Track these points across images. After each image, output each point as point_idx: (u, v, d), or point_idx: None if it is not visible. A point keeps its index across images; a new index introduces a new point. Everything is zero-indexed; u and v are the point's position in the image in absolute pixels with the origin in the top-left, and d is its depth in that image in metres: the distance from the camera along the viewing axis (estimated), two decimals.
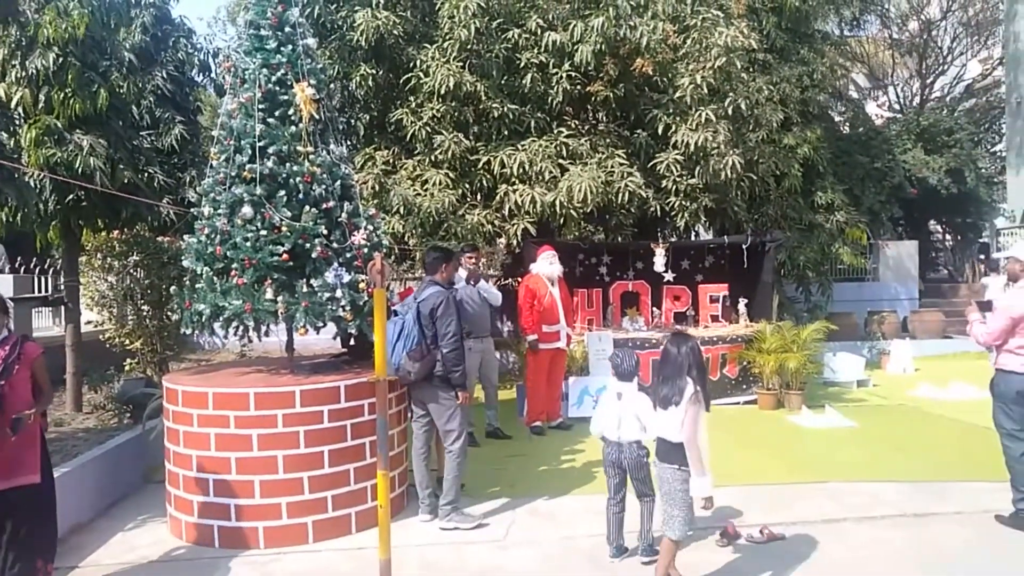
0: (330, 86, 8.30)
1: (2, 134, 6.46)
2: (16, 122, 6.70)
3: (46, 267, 11.23)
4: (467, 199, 8.71)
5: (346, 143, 9.28)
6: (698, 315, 9.45)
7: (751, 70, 9.85)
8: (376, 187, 8.53)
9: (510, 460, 6.50)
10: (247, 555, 4.53)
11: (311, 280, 4.85)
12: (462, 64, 8.52)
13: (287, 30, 5.19)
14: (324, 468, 4.68)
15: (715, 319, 9.33)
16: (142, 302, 7.64)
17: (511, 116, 8.78)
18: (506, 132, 8.87)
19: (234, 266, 4.81)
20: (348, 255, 4.99)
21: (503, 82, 8.97)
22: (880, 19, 20.91)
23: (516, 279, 8.32)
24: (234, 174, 4.93)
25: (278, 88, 5.08)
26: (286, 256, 4.78)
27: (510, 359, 9.66)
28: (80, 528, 4.95)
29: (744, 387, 8.77)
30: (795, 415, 8.16)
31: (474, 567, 4.37)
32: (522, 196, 8.27)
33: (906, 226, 18.52)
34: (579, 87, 8.82)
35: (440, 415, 4.93)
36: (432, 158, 8.66)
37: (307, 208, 4.90)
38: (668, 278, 9.43)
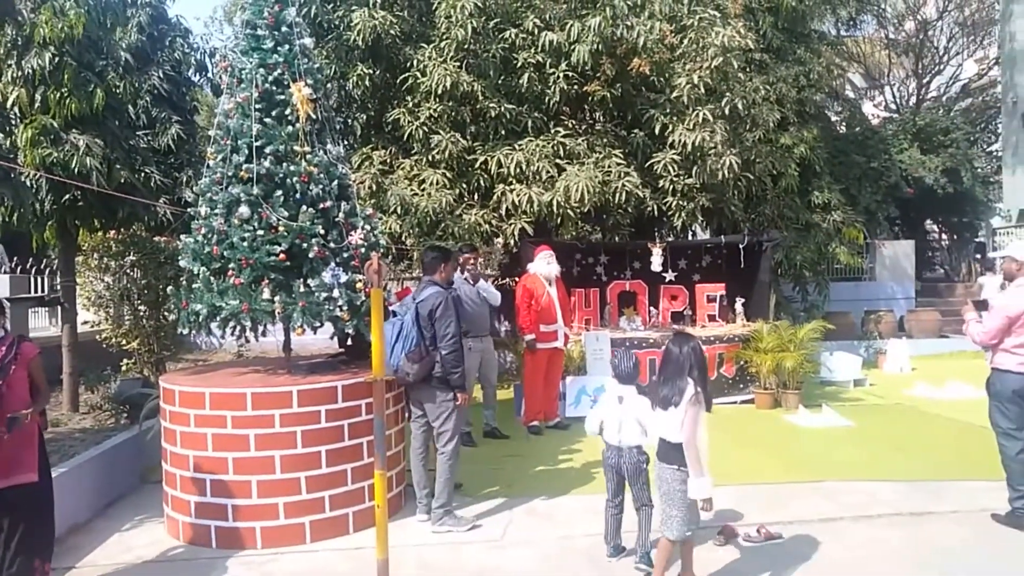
0: (327, 86, 8.31)
1: None
2: (12, 122, 6.69)
3: (42, 267, 11.22)
4: (464, 199, 8.71)
5: (343, 143, 9.24)
6: (695, 315, 9.46)
7: (748, 70, 9.85)
8: (373, 187, 8.52)
9: (507, 460, 6.50)
10: (244, 555, 4.53)
11: (308, 280, 4.85)
12: (459, 64, 8.52)
13: (284, 30, 5.19)
14: (321, 468, 4.68)
15: (712, 319, 9.35)
16: (139, 302, 7.62)
17: (508, 116, 8.78)
18: (503, 132, 8.87)
19: (231, 266, 4.81)
20: (345, 255, 4.99)
21: (500, 82, 8.96)
22: (876, 19, 20.94)
23: (513, 279, 8.31)
24: (231, 174, 4.92)
25: (275, 88, 5.08)
26: (283, 256, 4.78)
27: (507, 359, 9.66)
28: (77, 528, 4.95)
29: (741, 386, 8.78)
30: (792, 414, 8.17)
31: (472, 567, 4.37)
32: (519, 196, 8.27)
33: (902, 226, 18.56)
34: (576, 87, 8.82)
35: (436, 415, 4.92)
36: (429, 158, 8.65)
37: (304, 208, 4.90)
38: (670, 277, 9.44)
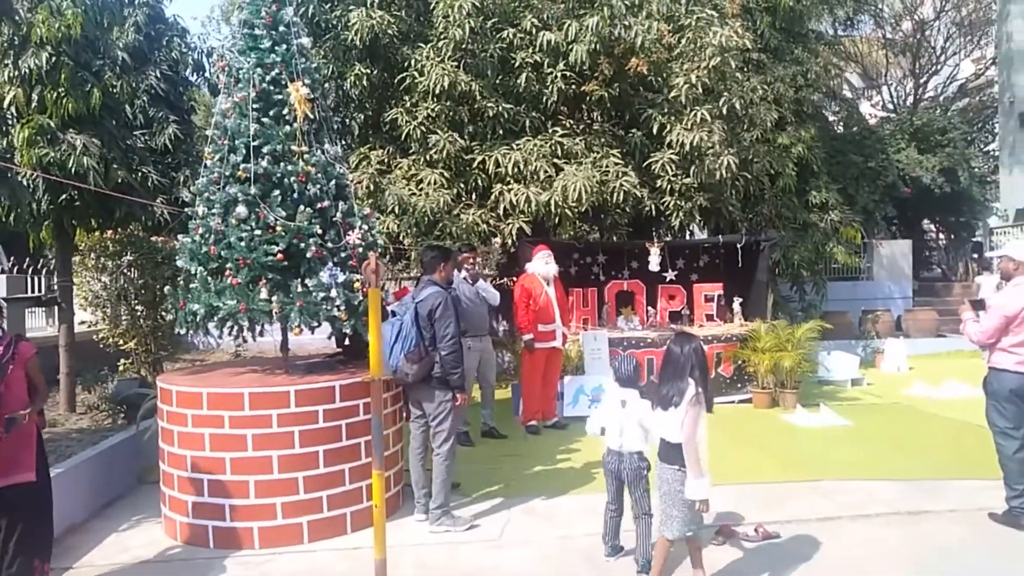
0: (324, 85, 8.31)
1: None
2: (9, 122, 6.67)
3: (39, 267, 11.20)
4: (462, 199, 8.71)
5: (341, 143, 9.21)
6: (693, 314, 9.47)
7: (745, 70, 9.86)
8: (371, 187, 8.52)
9: (505, 459, 6.50)
10: (242, 555, 4.52)
11: (306, 280, 4.85)
12: (457, 64, 8.51)
13: (281, 29, 5.18)
14: (319, 468, 4.67)
15: (710, 318, 9.36)
16: (136, 302, 7.61)
17: (506, 115, 8.78)
18: (501, 131, 8.87)
19: (228, 266, 4.80)
20: (343, 255, 4.98)
21: (498, 81, 8.96)
22: (874, 19, 20.97)
23: (511, 278, 8.32)
24: (228, 174, 4.91)
25: (272, 87, 5.07)
26: (281, 256, 4.77)
27: (505, 358, 9.67)
28: (74, 529, 4.94)
29: (739, 386, 8.79)
30: (790, 414, 8.18)
31: (469, 567, 4.37)
32: (517, 196, 8.27)
33: (900, 225, 18.58)
34: (574, 87, 8.82)
35: (434, 415, 4.92)
36: (427, 157, 8.65)
37: (302, 208, 4.90)
38: (670, 276, 9.43)
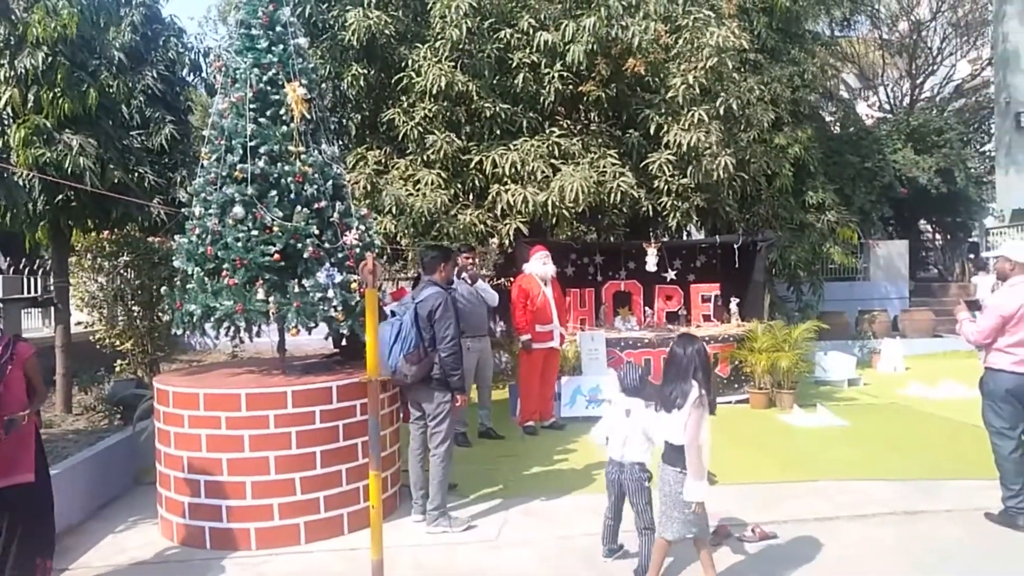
0: (321, 86, 8.30)
1: None
2: (5, 122, 6.65)
3: (35, 268, 11.17)
4: (459, 199, 8.71)
5: (338, 143, 9.19)
6: (690, 314, 9.48)
7: (742, 70, 9.87)
8: (368, 187, 8.51)
9: (503, 460, 6.49)
10: (239, 556, 4.52)
11: (303, 280, 4.84)
12: (454, 64, 8.52)
13: (278, 29, 5.17)
14: (316, 469, 4.67)
15: (707, 318, 9.36)
16: (132, 303, 7.60)
17: (503, 116, 8.78)
18: (498, 132, 8.87)
19: (225, 266, 4.79)
20: (340, 255, 4.98)
21: (495, 82, 8.96)
22: (870, 20, 21.02)
23: (509, 279, 8.32)
24: (225, 174, 4.91)
25: (269, 88, 5.06)
26: (277, 256, 4.77)
27: (503, 359, 9.66)
28: (70, 530, 4.92)
29: (736, 386, 8.80)
30: (787, 414, 8.19)
31: (467, 567, 4.37)
32: (514, 196, 8.27)
33: (896, 225, 18.60)
34: (571, 87, 8.82)
35: (432, 416, 4.91)
36: (424, 158, 8.65)
37: (299, 208, 4.89)
38: (671, 276, 9.44)
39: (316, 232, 4.90)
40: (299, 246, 4.82)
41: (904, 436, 7.22)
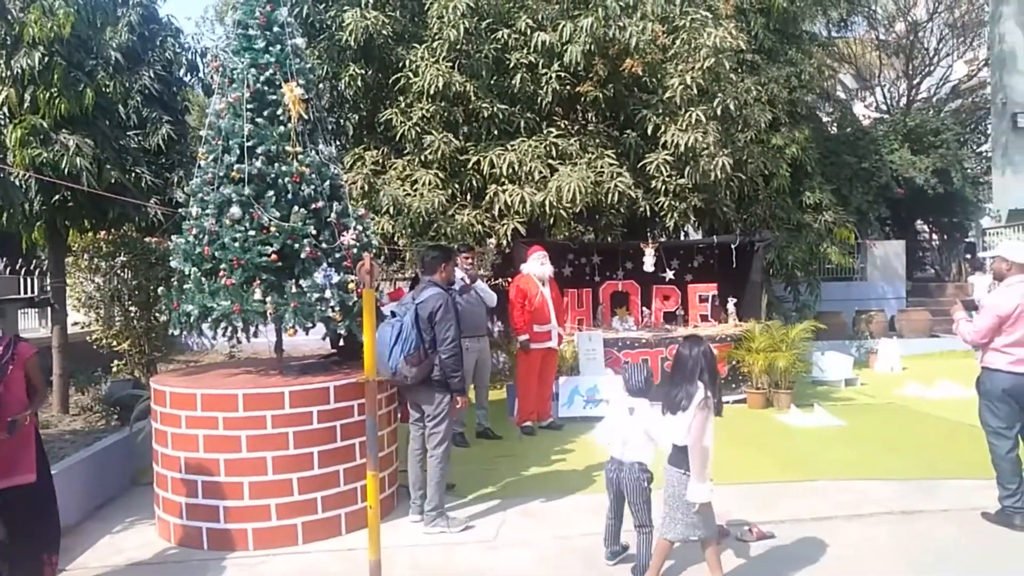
0: (319, 86, 8.28)
1: None
2: (1, 122, 6.64)
3: (32, 268, 11.15)
4: (457, 199, 8.71)
5: (335, 143, 9.25)
6: (687, 315, 9.48)
7: (740, 71, 9.89)
8: (365, 187, 8.51)
9: (500, 460, 6.49)
10: (236, 557, 4.51)
11: (300, 280, 4.83)
12: (451, 64, 8.51)
13: (275, 30, 5.17)
14: (314, 469, 4.66)
15: (704, 319, 9.37)
16: (129, 303, 7.58)
17: (501, 116, 8.78)
18: (496, 132, 8.87)
19: (222, 267, 4.79)
20: (337, 255, 4.97)
21: (492, 82, 8.96)
22: (867, 20, 21.05)
23: (506, 279, 8.32)
24: (222, 174, 4.90)
25: (266, 88, 5.05)
26: (275, 256, 4.76)
27: (500, 359, 9.66)
28: (67, 531, 4.88)
29: (733, 386, 8.80)
30: (784, 414, 8.19)
31: (465, 568, 4.36)
32: (512, 196, 8.27)
33: (893, 226, 18.64)
34: (568, 87, 8.83)
35: (431, 416, 4.90)
36: (422, 158, 8.64)
37: (296, 208, 4.88)
38: (668, 276, 9.45)
39: (313, 232, 4.90)
40: (296, 246, 4.82)
41: (901, 436, 7.23)
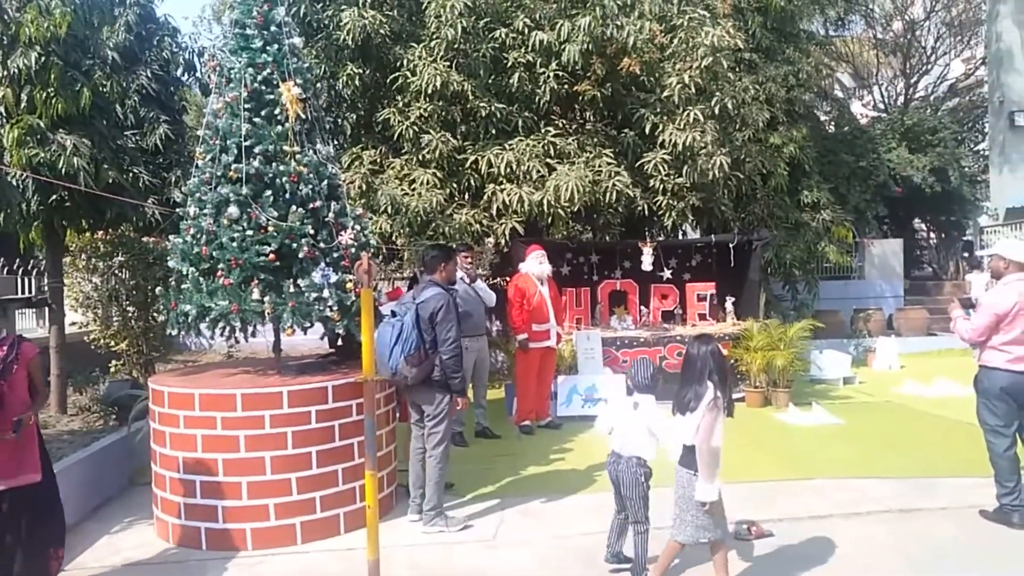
0: (316, 85, 8.27)
1: None
2: None
3: (29, 268, 11.13)
4: (455, 198, 8.70)
5: (333, 143, 9.24)
6: (686, 313, 9.48)
7: (737, 70, 9.87)
8: (363, 187, 8.50)
9: (499, 459, 6.49)
10: (235, 557, 4.51)
11: (298, 280, 4.83)
12: (449, 63, 8.50)
13: (273, 29, 5.16)
14: (312, 469, 4.66)
15: (702, 317, 9.37)
16: (127, 303, 7.57)
17: (498, 115, 8.77)
18: (493, 131, 8.86)
19: (220, 266, 4.78)
20: (335, 255, 4.96)
21: (490, 81, 8.95)
22: (864, 19, 21.05)
23: (505, 278, 8.32)
24: (220, 174, 4.89)
25: (264, 87, 5.05)
26: (273, 256, 4.75)
27: (499, 358, 9.66)
28: (66, 530, 4.90)
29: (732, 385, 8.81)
30: (782, 412, 8.20)
31: (463, 567, 4.36)
32: (510, 195, 8.26)
33: (891, 224, 18.67)
34: (566, 86, 8.82)
35: (431, 416, 4.89)
36: (419, 157, 8.63)
37: (294, 208, 4.88)
38: (666, 275, 9.45)
39: (311, 232, 4.89)
40: (294, 246, 4.81)
41: (899, 434, 7.24)
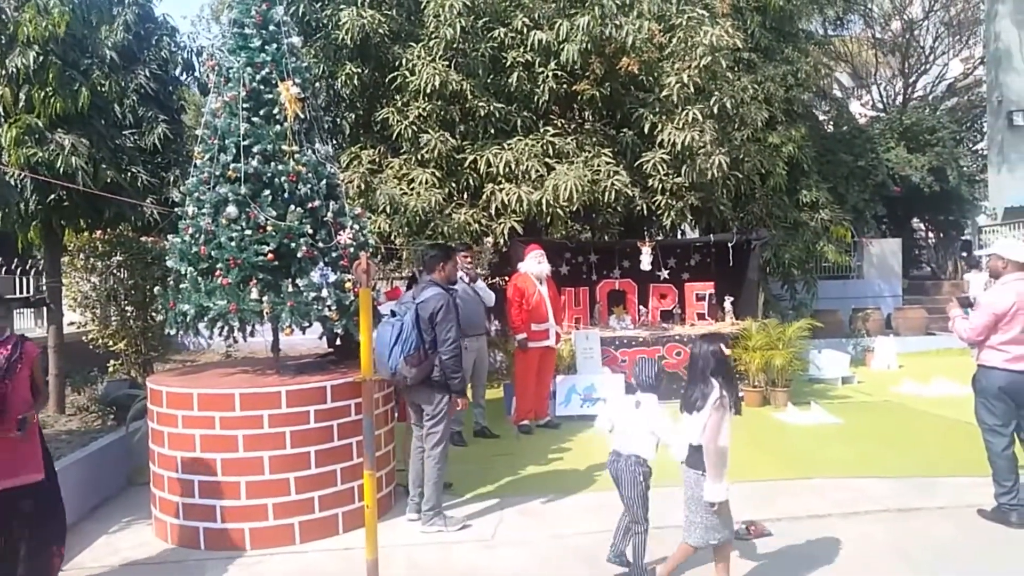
0: (315, 85, 8.26)
1: None
2: None
3: (28, 268, 11.12)
4: (453, 198, 8.69)
5: (332, 142, 9.23)
6: (684, 313, 9.49)
7: (736, 69, 9.87)
8: (362, 186, 8.49)
9: (498, 459, 6.49)
10: (233, 557, 4.50)
11: (297, 280, 4.83)
12: (448, 63, 8.50)
13: (271, 28, 5.16)
14: (310, 469, 4.66)
15: (701, 317, 9.37)
16: (126, 303, 7.56)
17: (497, 115, 8.77)
18: (492, 131, 8.85)
19: (219, 266, 4.78)
20: (334, 254, 4.96)
21: (489, 81, 8.95)
22: (863, 19, 21.08)
23: (503, 278, 8.32)
24: (218, 173, 4.89)
25: (263, 87, 5.05)
26: (271, 256, 4.75)
27: (498, 358, 9.66)
28: None
29: None
30: (781, 412, 8.21)
31: (462, 567, 4.36)
32: (508, 195, 8.26)
33: (890, 224, 18.70)
34: (565, 86, 8.81)
35: (430, 416, 4.89)
36: (418, 157, 8.63)
37: (292, 207, 4.87)
38: (665, 275, 9.45)
39: (310, 231, 4.89)
40: (293, 245, 4.81)
41: (898, 434, 7.25)
